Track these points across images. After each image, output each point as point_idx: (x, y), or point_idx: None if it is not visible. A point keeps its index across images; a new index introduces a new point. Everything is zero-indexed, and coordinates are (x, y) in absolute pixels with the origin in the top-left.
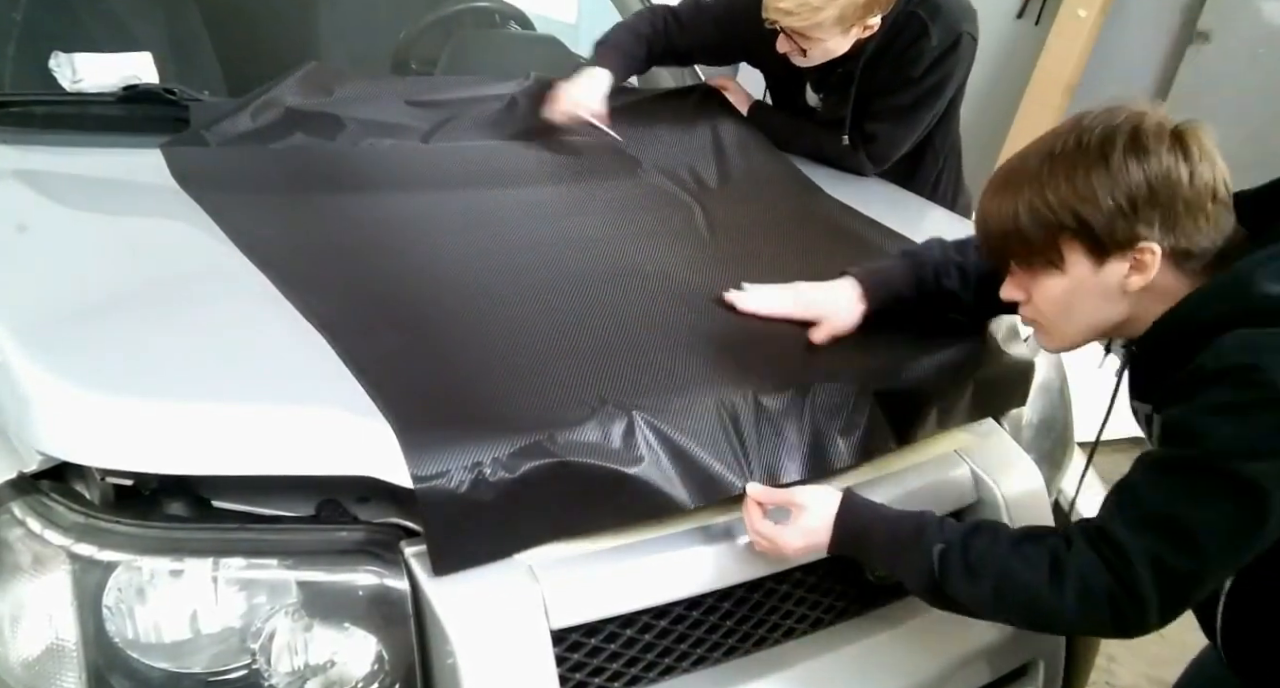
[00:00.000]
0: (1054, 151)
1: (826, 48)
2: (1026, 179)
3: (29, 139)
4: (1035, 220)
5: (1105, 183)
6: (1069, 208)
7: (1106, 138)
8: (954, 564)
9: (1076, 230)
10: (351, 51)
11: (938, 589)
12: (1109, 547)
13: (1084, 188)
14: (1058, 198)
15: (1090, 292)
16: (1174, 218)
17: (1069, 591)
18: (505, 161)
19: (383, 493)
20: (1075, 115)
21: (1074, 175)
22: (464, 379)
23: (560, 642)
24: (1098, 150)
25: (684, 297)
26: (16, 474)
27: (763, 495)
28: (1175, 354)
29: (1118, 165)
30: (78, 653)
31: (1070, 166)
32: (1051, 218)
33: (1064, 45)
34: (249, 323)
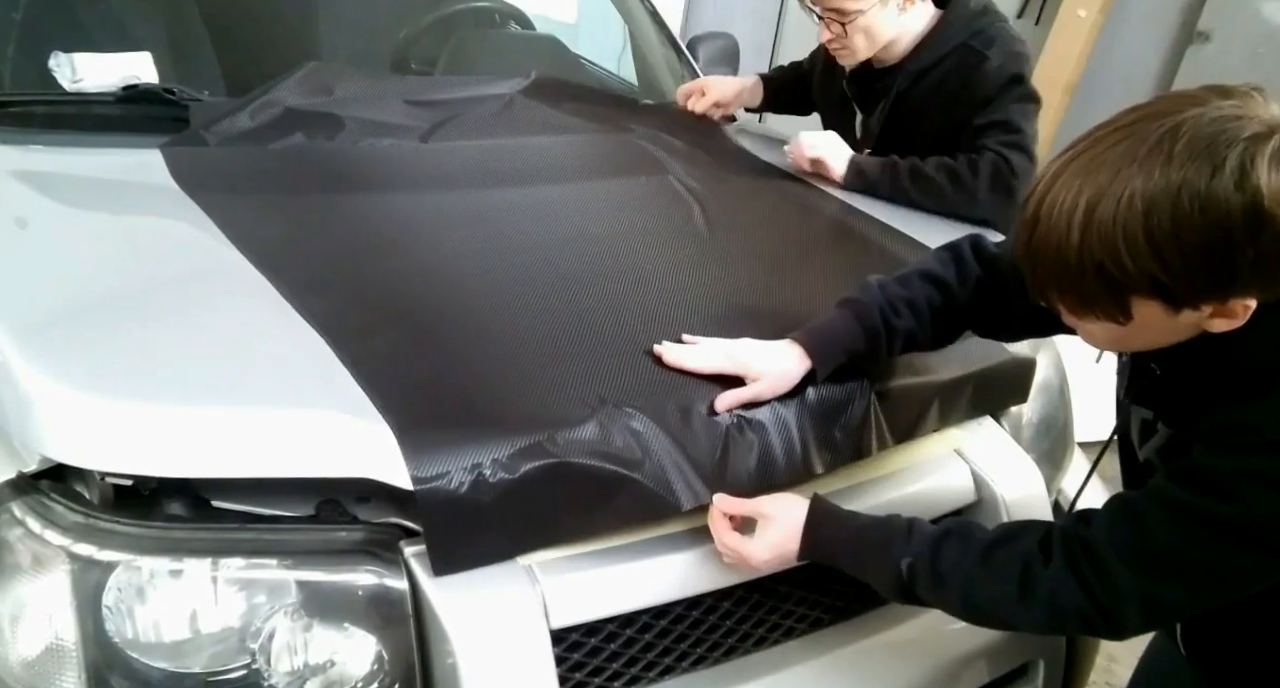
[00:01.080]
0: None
1: (869, 26)
2: (1088, 220)
3: (29, 139)
4: (1099, 279)
5: (1199, 238)
6: (1144, 271)
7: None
8: (922, 575)
9: (1152, 292)
10: (351, 51)
11: (908, 596)
12: (1098, 577)
13: (1168, 245)
14: (1133, 258)
15: (1155, 332)
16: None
17: (1038, 606)
18: (505, 161)
19: (382, 493)
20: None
21: (1155, 226)
22: (463, 380)
23: (560, 642)
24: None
25: (684, 296)
26: (16, 474)
27: (729, 506)
28: (1213, 382)
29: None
30: (77, 653)
31: (1150, 211)
32: (1120, 280)
33: (1064, 45)
34: (248, 324)
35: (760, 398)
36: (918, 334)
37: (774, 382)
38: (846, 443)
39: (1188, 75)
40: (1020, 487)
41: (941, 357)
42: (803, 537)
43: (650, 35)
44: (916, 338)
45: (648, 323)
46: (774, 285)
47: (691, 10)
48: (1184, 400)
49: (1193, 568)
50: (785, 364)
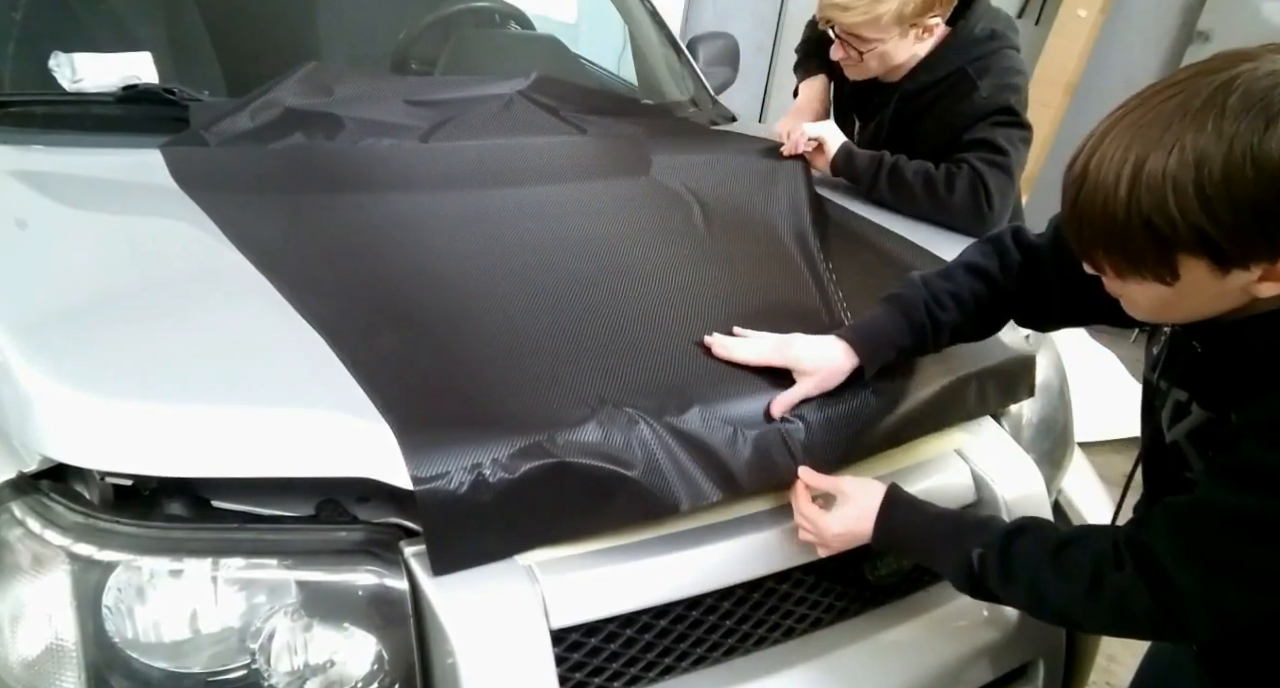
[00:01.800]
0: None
1: (885, 52)
2: (1137, 173)
3: (29, 139)
4: (1147, 235)
5: (1252, 192)
6: (1196, 227)
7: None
8: (992, 567)
9: (1200, 248)
10: (351, 51)
11: (978, 587)
12: (1162, 585)
13: (1220, 203)
14: (1183, 212)
15: (1202, 295)
16: None
17: (1104, 607)
18: (505, 161)
19: (382, 493)
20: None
21: (1206, 179)
22: (463, 380)
23: (560, 642)
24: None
25: (684, 296)
26: (16, 474)
27: (812, 479)
28: (1260, 364)
29: (1270, 166)
30: (77, 653)
31: (1201, 163)
32: (1169, 235)
33: (1064, 45)
34: (248, 324)
35: (810, 396)
36: (964, 327)
37: (823, 378)
38: (847, 443)
39: None
40: (1020, 487)
41: (942, 355)
42: (877, 520)
43: (650, 35)
44: (963, 330)
45: (648, 323)
46: (773, 285)
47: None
48: (1226, 382)
49: (1254, 570)
50: (834, 361)
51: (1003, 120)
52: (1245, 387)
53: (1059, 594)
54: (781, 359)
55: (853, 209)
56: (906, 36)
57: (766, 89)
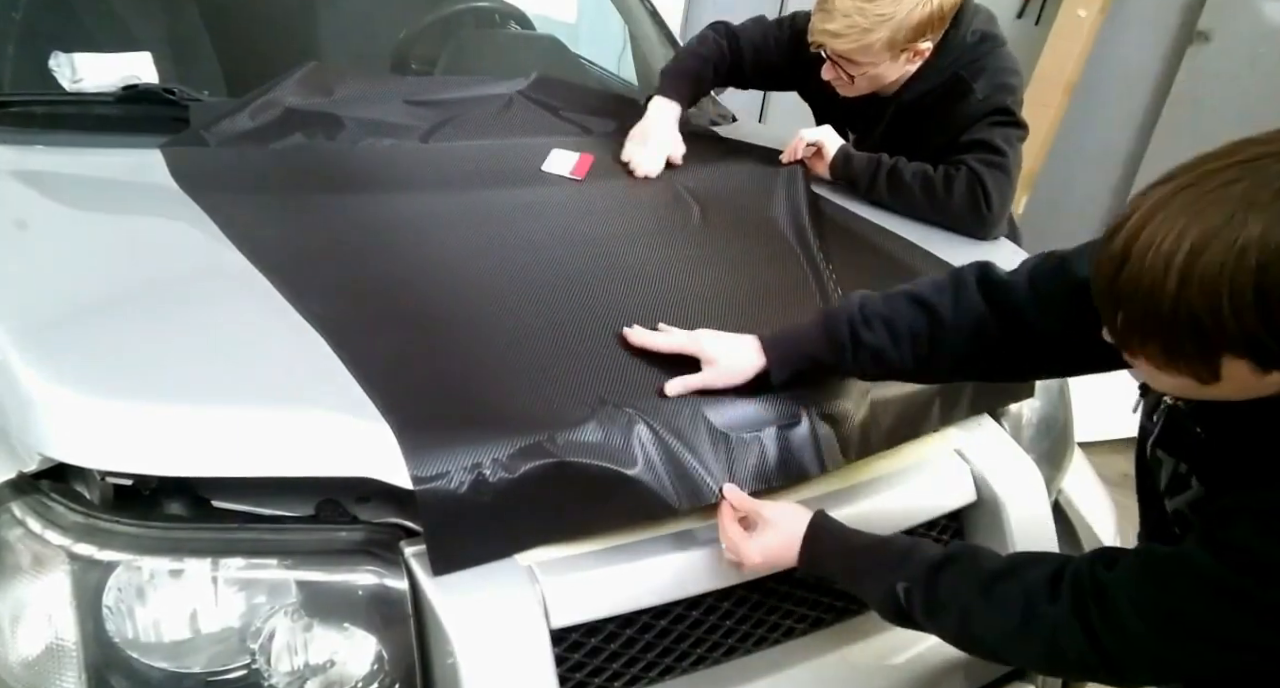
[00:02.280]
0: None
1: (875, 75)
2: (1190, 265)
3: (29, 139)
4: (1192, 332)
5: None
6: (1245, 331)
7: None
8: (918, 601)
9: (1247, 351)
10: (351, 51)
11: (905, 619)
12: (1108, 626)
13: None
14: (1236, 315)
15: (1235, 387)
16: None
17: (1037, 645)
18: (504, 161)
19: (383, 493)
20: None
21: (1268, 284)
22: (463, 380)
23: (560, 642)
24: None
25: (684, 297)
26: (16, 474)
27: (736, 500)
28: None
29: None
30: (77, 653)
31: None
32: (1215, 337)
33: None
34: (248, 324)
35: (712, 386)
36: (890, 355)
37: (726, 371)
38: (847, 444)
39: (1188, 75)
40: (1020, 487)
41: None
42: (801, 549)
43: (650, 35)
44: (888, 358)
45: (647, 323)
46: (774, 286)
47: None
48: (1228, 462)
49: (1210, 636)
50: (741, 356)
51: (999, 120)
52: (1249, 469)
53: (989, 630)
54: (693, 347)
55: (853, 210)
56: (898, 59)
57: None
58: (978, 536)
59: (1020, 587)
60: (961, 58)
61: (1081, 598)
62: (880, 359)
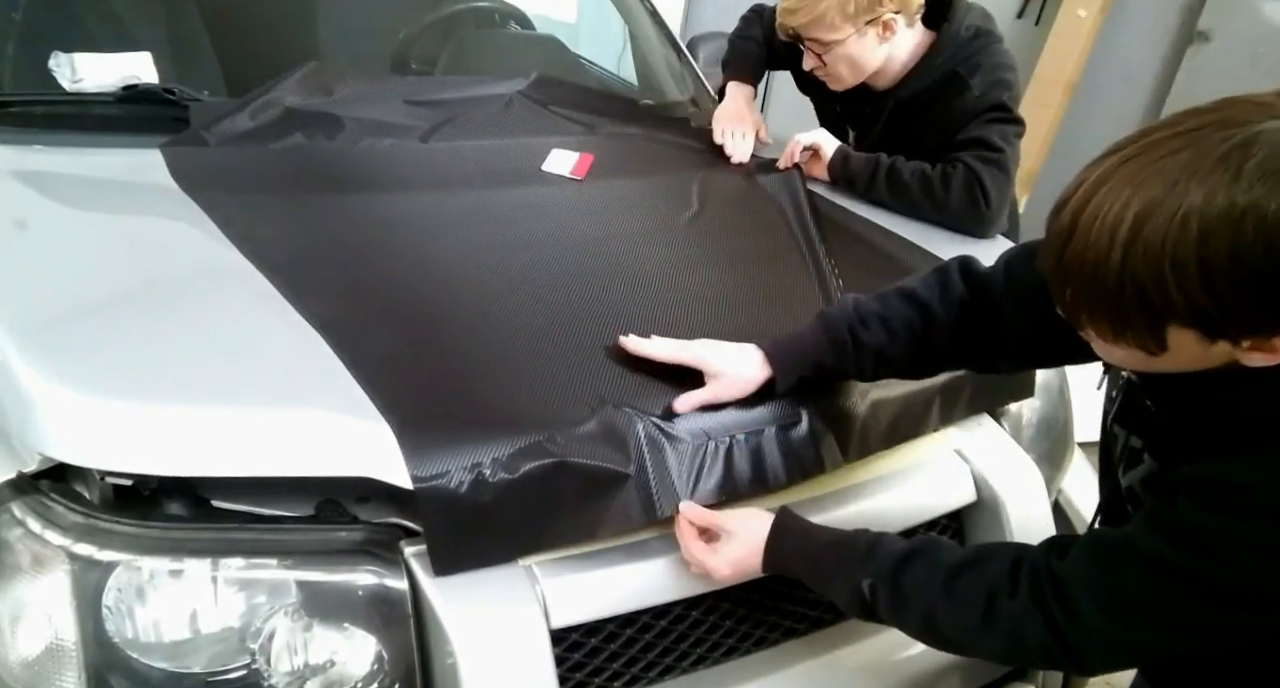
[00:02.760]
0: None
1: (849, 55)
2: (1134, 237)
3: (29, 139)
4: (1139, 304)
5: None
6: (1190, 301)
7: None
8: (882, 597)
9: (1191, 319)
10: (351, 51)
11: (870, 615)
12: (1065, 614)
13: (1222, 275)
14: (1180, 286)
15: (1184, 358)
16: None
17: (1000, 638)
18: (504, 161)
19: (383, 493)
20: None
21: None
22: (463, 380)
23: (560, 642)
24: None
25: (684, 297)
26: (16, 474)
27: (694, 516)
28: (1210, 429)
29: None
30: (77, 653)
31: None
32: (1161, 307)
33: (1064, 45)
34: (248, 324)
35: (718, 400)
36: (889, 353)
37: (731, 384)
38: (847, 444)
39: (1188, 75)
40: (1020, 487)
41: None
42: (765, 553)
43: (650, 35)
44: (888, 356)
45: (648, 323)
46: (774, 287)
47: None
48: (1178, 436)
49: (1167, 619)
50: (745, 367)
51: (996, 117)
52: (1196, 444)
53: (953, 625)
54: (691, 358)
55: (853, 210)
56: (865, 35)
57: (766, 88)
58: (978, 536)
59: (982, 580)
60: (957, 54)
61: (1039, 589)
62: (881, 358)
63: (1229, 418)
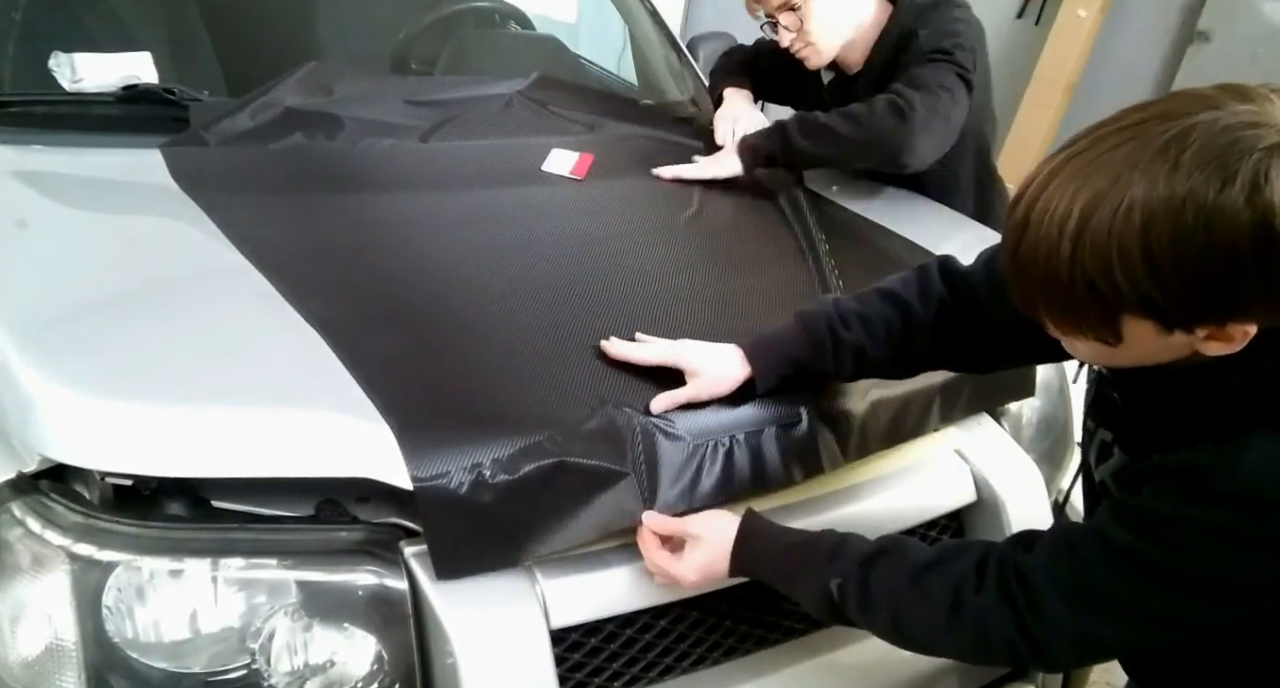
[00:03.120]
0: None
1: (823, 21)
2: (1081, 230)
3: (29, 139)
4: (1090, 296)
5: (1201, 257)
6: (1138, 291)
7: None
8: (852, 595)
9: (1142, 311)
10: (351, 51)
11: (839, 617)
12: (1030, 608)
13: (1166, 264)
14: (1127, 276)
15: (1148, 350)
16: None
17: (965, 634)
18: (504, 161)
19: (382, 493)
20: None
21: (1154, 242)
22: (463, 380)
23: (560, 642)
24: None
25: (684, 297)
26: (16, 474)
27: (657, 525)
28: (1174, 418)
29: (1222, 233)
30: (77, 653)
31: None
32: (1112, 299)
33: (1064, 45)
34: (248, 324)
35: (697, 398)
36: (869, 350)
37: (711, 382)
38: (847, 444)
39: (1188, 75)
40: (1020, 487)
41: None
42: (732, 556)
43: (650, 35)
44: (868, 354)
45: (648, 323)
46: (774, 287)
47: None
48: (1145, 429)
49: (1130, 610)
50: (725, 366)
51: (935, 59)
52: (1160, 436)
53: (920, 623)
54: (673, 359)
55: (852, 209)
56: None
57: None
58: (978, 536)
59: (949, 577)
60: (918, 16)
61: (1005, 583)
62: (861, 357)
63: (1194, 409)
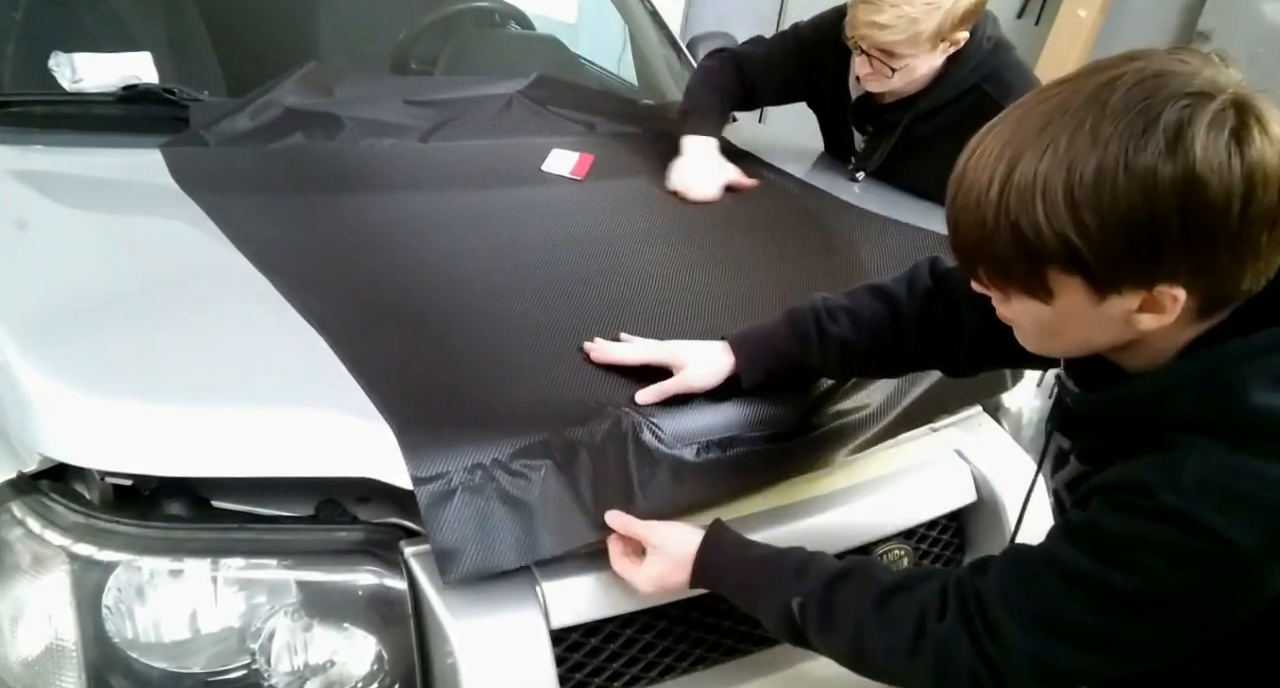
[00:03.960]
0: (1055, 132)
1: (912, 67)
2: (1009, 173)
3: (29, 139)
4: (1015, 242)
5: (1121, 201)
6: (1063, 238)
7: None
8: (813, 615)
9: (1070, 264)
10: (351, 51)
11: (798, 637)
12: (989, 633)
13: (1090, 210)
14: (1049, 219)
15: (1083, 323)
16: (1210, 260)
17: (928, 663)
18: (504, 161)
19: (382, 493)
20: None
21: (1076, 183)
22: (463, 380)
23: (560, 642)
24: (1119, 145)
25: (684, 297)
26: (16, 474)
27: (620, 525)
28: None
29: (1143, 176)
30: (77, 653)
31: (1073, 166)
32: (1039, 246)
33: (1064, 45)
34: (248, 324)
35: (687, 388)
36: (855, 344)
37: (699, 375)
38: (846, 442)
39: None
40: (1020, 487)
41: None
42: (695, 565)
43: (650, 35)
44: (854, 348)
45: (647, 323)
46: (776, 287)
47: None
48: (1099, 437)
49: (1087, 634)
50: (711, 359)
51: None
52: (1114, 445)
53: (882, 648)
54: (659, 356)
55: (857, 208)
56: (935, 50)
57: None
58: (978, 535)
59: (914, 601)
60: (981, 67)
61: (965, 609)
62: (847, 351)
63: (1142, 417)
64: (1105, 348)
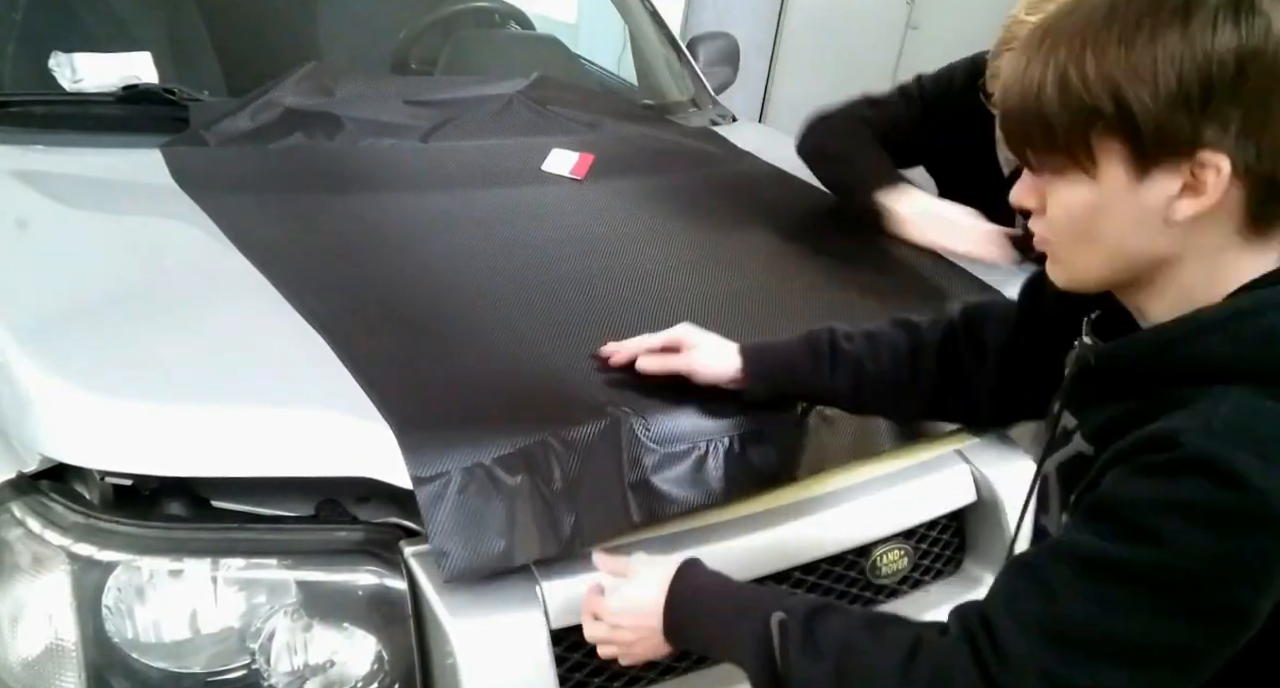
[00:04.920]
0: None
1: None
2: (1067, 34)
3: (29, 139)
4: (1064, 97)
5: (1171, 51)
6: (1110, 85)
7: None
8: (794, 636)
9: (1116, 120)
10: (351, 51)
11: (773, 667)
12: (993, 649)
13: (1139, 56)
14: (1099, 68)
15: (1122, 213)
16: (1263, 119)
17: (920, 682)
18: (504, 161)
19: (382, 493)
20: None
21: (1131, 35)
22: (463, 380)
23: (560, 642)
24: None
25: (684, 297)
26: (16, 474)
27: (601, 563)
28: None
29: (1200, 25)
30: (77, 653)
31: (1131, 21)
32: (1085, 97)
33: None
34: (248, 324)
35: (689, 369)
36: (869, 368)
37: (708, 361)
38: (847, 443)
39: None
40: (1020, 487)
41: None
42: (669, 590)
43: (650, 35)
44: (867, 372)
45: (647, 323)
46: (776, 288)
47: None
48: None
49: (1103, 640)
50: (724, 353)
51: None
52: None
53: (869, 670)
54: (667, 336)
55: None
56: None
57: (766, 89)
58: (978, 536)
59: (910, 626)
60: None
61: (967, 623)
62: (859, 373)
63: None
64: (1141, 260)
